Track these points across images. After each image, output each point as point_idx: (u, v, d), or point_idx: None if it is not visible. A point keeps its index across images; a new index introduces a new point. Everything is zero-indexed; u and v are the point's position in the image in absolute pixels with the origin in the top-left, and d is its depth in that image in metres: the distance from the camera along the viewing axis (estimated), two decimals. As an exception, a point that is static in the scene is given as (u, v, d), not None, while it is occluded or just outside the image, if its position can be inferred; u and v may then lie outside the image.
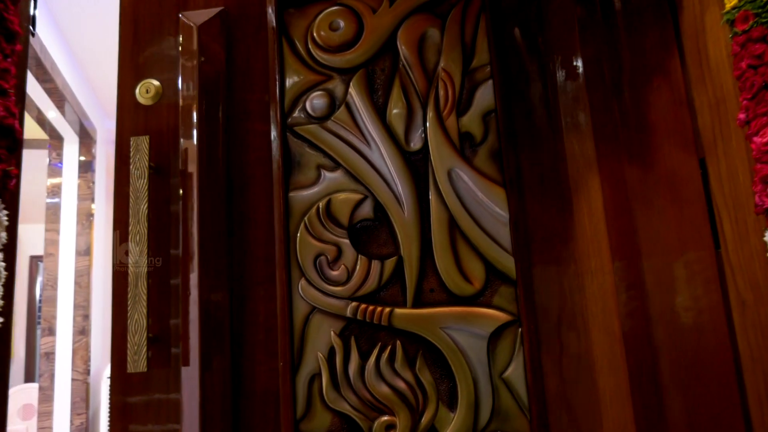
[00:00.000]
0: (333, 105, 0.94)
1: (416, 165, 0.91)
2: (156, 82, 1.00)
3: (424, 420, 0.84)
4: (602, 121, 0.85)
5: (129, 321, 0.89)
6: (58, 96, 3.14)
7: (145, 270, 0.91)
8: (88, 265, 3.76)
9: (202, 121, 0.93)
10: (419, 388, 0.85)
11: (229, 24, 1.01)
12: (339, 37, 0.95)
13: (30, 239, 6.23)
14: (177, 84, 0.98)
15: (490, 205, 0.87)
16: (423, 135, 0.91)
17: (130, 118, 1.01)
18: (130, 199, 0.92)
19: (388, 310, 0.87)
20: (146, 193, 0.92)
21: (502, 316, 0.84)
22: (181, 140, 0.93)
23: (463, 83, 0.91)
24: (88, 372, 3.66)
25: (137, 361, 0.88)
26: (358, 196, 0.91)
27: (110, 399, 0.93)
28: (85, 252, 3.76)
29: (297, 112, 0.95)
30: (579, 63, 0.88)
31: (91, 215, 3.83)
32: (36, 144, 4.08)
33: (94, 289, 3.87)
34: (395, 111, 0.92)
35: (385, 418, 0.85)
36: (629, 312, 0.81)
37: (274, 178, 0.93)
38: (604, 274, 0.82)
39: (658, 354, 0.80)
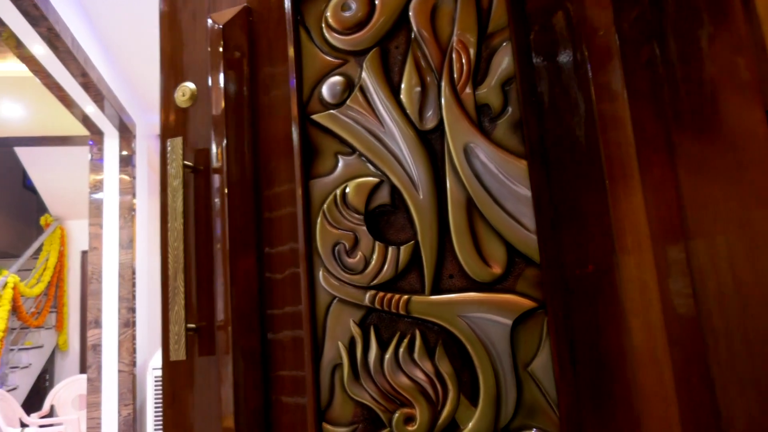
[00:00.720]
0: (349, 89, 0.91)
1: (432, 144, 0.86)
2: (191, 85, 1.05)
3: (444, 413, 0.80)
4: (640, 77, 0.73)
5: (170, 312, 0.94)
6: (95, 91, 3.20)
7: (182, 265, 0.95)
8: (131, 258, 3.84)
9: (231, 120, 0.97)
10: (438, 380, 0.80)
11: (252, 19, 1.02)
12: (352, 17, 0.92)
13: (80, 235, 6.40)
14: (208, 85, 1.02)
15: (512, 181, 0.80)
16: (438, 111, 0.85)
17: (171, 120, 1.06)
18: (168, 198, 0.97)
19: (405, 297, 0.83)
20: (181, 192, 0.97)
21: (525, 303, 0.77)
22: (212, 140, 0.97)
23: (480, 51, 0.84)
24: (134, 364, 3.75)
25: (177, 350, 0.92)
26: (373, 181, 0.88)
27: (162, 383, 1.00)
28: (127, 245, 3.85)
29: (315, 100, 0.94)
30: (611, 13, 0.78)
31: (133, 209, 3.90)
32: (80, 141, 4.18)
33: (138, 281, 3.95)
34: (408, 89, 0.88)
35: (405, 410, 0.82)
36: (674, 294, 0.70)
37: (295, 169, 0.92)
38: (641, 252, 0.72)
39: (712, 343, 0.69)
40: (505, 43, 0.83)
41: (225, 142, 0.96)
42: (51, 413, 4.83)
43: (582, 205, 0.77)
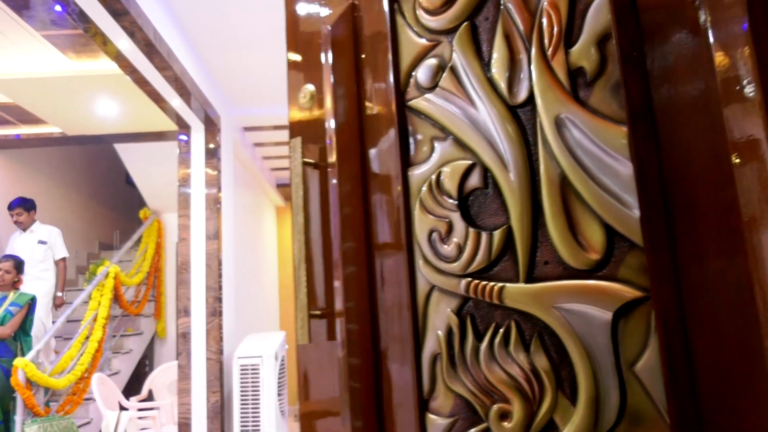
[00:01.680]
0: (441, 71, 0.88)
1: (523, 119, 0.78)
2: (311, 87, 1.11)
3: (541, 412, 0.72)
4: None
5: (296, 300, 1.00)
6: (179, 84, 3.26)
7: (304, 255, 1.02)
8: (218, 249, 3.93)
9: (341, 116, 1.01)
10: (534, 376, 0.73)
11: (357, 14, 1.04)
12: (441, -4, 0.87)
13: (175, 228, 6.69)
14: (323, 86, 1.06)
15: (610, 153, 0.69)
16: (528, 83, 0.77)
17: (295, 121, 1.15)
18: (292, 193, 1.03)
19: (499, 286, 0.77)
20: (301, 188, 1.03)
21: (627, 292, 0.67)
22: (326, 138, 1.02)
23: (573, 7, 0.74)
24: (221, 352, 3.84)
25: (302, 335, 0.99)
26: (465, 164, 0.83)
27: (297, 364, 1.11)
28: (214, 236, 3.94)
29: (412, 85, 0.92)
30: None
31: (219, 202, 3.99)
32: (172, 136, 4.32)
33: (224, 272, 4.04)
34: (498, 62, 0.81)
35: (501, 405, 0.76)
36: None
37: (394, 157, 0.92)
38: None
39: None
40: (600, -7, 0.72)
41: (335, 137, 0.99)
42: (149, 397, 5.06)
43: (698, 176, 0.65)
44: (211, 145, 4.10)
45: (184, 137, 4.12)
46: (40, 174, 6.56)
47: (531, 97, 0.77)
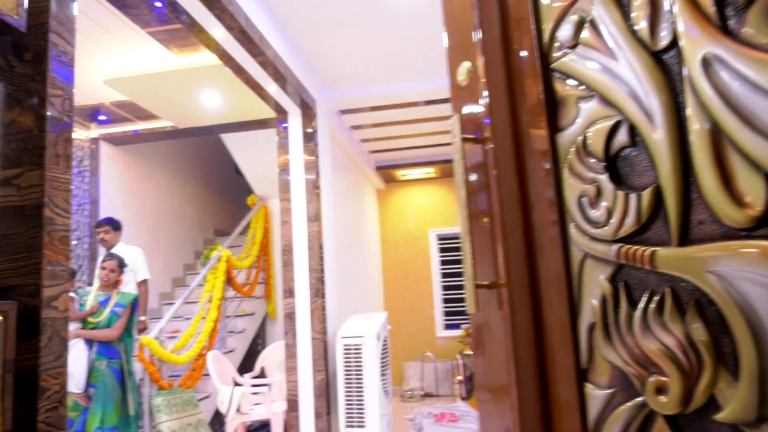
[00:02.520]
0: (582, 26, 0.83)
1: (668, 66, 0.70)
2: (468, 63, 1.12)
3: (700, 387, 0.65)
4: None
5: (464, 271, 1.02)
6: (273, 69, 3.26)
7: (467, 228, 1.03)
8: (318, 231, 3.98)
9: (493, 90, 1.02)
10: (691, 347, 0.66)
11: None
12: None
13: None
14: (476, 62, 1.08)
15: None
16: (671, 23, 0.69)
17: (456, 97, 1.18)
18: (455, 170, 1.06)
19: (651, 251, 0.71)
20: (462, 164, 1.04)
21: None
22: (482, 113, 1.04)
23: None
24: (325, 332, 3.88)
25: (470, 304, 1.01)
26: (610, 123, 0.78)
27: (472, 333, 1.16)
28: (314, 219, 3.98)
29: (555, 47, 0.89)
30: None
31: (317, 187, 4.03)
32: (274, 123, 4.40)
33: (326, 253, 4.08)
34: (638, 6, 0.73)
35: (657, 378, 0.71)
36: None
37: (542, 124, 0.90)
38: None
39: None
40: None
41: (489, 111, 1.00)
42: (261, 374, 5.26)
43: None
44: (309, 130, 4.12)
45: (284, 124, 4.16)
46: (159, 167, 6.95)
47: (675, 40, 0.68)
